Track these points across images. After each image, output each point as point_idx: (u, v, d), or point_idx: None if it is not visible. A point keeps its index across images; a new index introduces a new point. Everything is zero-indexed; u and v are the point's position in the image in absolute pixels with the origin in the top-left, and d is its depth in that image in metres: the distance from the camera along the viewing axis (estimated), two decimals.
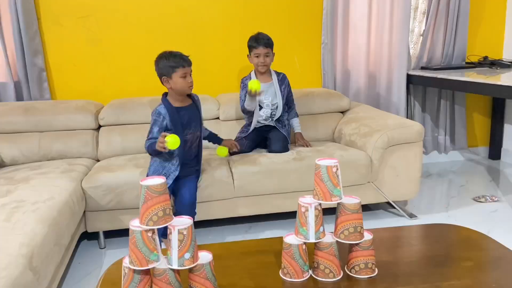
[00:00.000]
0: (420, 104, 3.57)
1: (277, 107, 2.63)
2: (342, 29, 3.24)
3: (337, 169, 1.26)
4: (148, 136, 2.11)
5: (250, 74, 2.68)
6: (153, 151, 2.05)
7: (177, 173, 2.14)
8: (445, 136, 3.65)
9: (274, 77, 2.65)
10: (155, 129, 2.08)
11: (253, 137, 2.65)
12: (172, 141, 1.90)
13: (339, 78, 3.34)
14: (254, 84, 2.39)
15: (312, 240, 1.26)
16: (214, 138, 2.48)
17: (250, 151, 2.62)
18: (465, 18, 3.37)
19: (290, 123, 2.74)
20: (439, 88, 3.40)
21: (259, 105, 2.62)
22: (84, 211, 2.28)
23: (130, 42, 3.02)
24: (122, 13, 2.97)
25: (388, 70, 3.34)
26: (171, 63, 2.08)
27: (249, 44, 2.59)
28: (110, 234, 2.45)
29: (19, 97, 2.89)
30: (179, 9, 3.04)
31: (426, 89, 3.53)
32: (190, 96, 2.23)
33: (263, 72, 2.62)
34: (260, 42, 2.53)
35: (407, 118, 3.36)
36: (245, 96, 2.57)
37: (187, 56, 2.13)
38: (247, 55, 2.63)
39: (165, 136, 1.91)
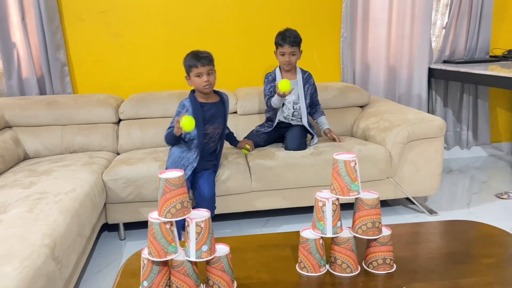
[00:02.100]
0: (442, 98, 3.51)
1: (299, 107, 2.57)
2: (362, 22, 3.20)
3: (355, 163, 1.25)
4: (170, 126, 2.17)
5: (275, 70, 2.62)
6: (171, 137, 2.11)
7: (195, 164, 2.16)
8: (468, 131, 3.58)
9: (299, 75, 2.58)
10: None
11: (272, 133, 2.63)
12: (186, 123, 1.89)
13: (358, 72, 3.31)
14: (284, 84, 2.31)
15: (329, 234, 1.26)
16: (231, 139, 2.52)
17: (265, 145, 2.62)
18: (489, 10, 3.28)
19: (317, 121, 2.70)
20: (462, 82, 3.33)
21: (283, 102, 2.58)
22: (105, 203, 2.32)
23: (150, 36, 3.04)
24: (142, 8, 3.00)
25: (409, 63, 3.29)
26: (188, 62, 2.13)
27: (276, 40, 2.52)
28: (130, 226, 2.49)
29: (42, 91, 2.95)
30: (197, 3, 3.04)
31: (448, 83, 3.47)
32: (219, 94, 2.26)
33: (288, 70, 2.57)
34: (286, 40, 2.45)
35: (428, 112, 3.31)
36: (270, 92, 2.54)
37: (206, 55, 2.12)
38: (274, 51, 2.56)
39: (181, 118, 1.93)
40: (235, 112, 2.91)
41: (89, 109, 2.73)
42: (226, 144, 2.64)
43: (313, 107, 2.68)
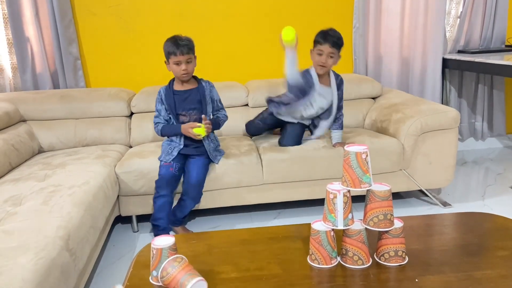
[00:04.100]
0: (456, 89, 3.45)
1: (327, 110, 2.44)
2: (374, 12, 3.16)
3: (367, 155, 1.24)
4: (156, 115, 2.28)
5: (309, 68, 2.40)
6: (171, 134, 2.27)
7: (181, 146, 2.25)
8: (483, 122, 3.52)
9: (333, 80, 2.41)
10: (160, 107, 2.27)
11: (271, 122, 2.60)
12: (200, 130, 2.15)
13: (371, 63, 3.27)
14: (287, 32, 2.07)
15: (340, 227, 1.25)
16: (214, 124, 2.30)
17: (261, 133, 2.71)
18: None
19: (332, 132, 2.48)
20: (477, 72, 3.27)
21: (311, 103, 2.40)
22: (118, 196, 2.34)
23: (161, 30, 3.04)
24: (153, 1, 3.00)
25: (422, 54, 3.23)
26: (167, 48, 2.14)
27: (316, 38, 2.32)
28: (143, 218, 2.52)
29: (55, 85, 2.99)
30: None
31: (462, 73, 3.41)
32: (197, 81, 2.29)
33: (322, 73, 2.36)
34: (327, 39, 2.26)
35: (442, 104, 3.26)
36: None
37: (186, 43, 2.11)
38: (310, 50, 2.37)
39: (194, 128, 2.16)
40: (247, 105, 2.91)
41: (102, 103, 2.76)
42: (236, 137, 2.65)
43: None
